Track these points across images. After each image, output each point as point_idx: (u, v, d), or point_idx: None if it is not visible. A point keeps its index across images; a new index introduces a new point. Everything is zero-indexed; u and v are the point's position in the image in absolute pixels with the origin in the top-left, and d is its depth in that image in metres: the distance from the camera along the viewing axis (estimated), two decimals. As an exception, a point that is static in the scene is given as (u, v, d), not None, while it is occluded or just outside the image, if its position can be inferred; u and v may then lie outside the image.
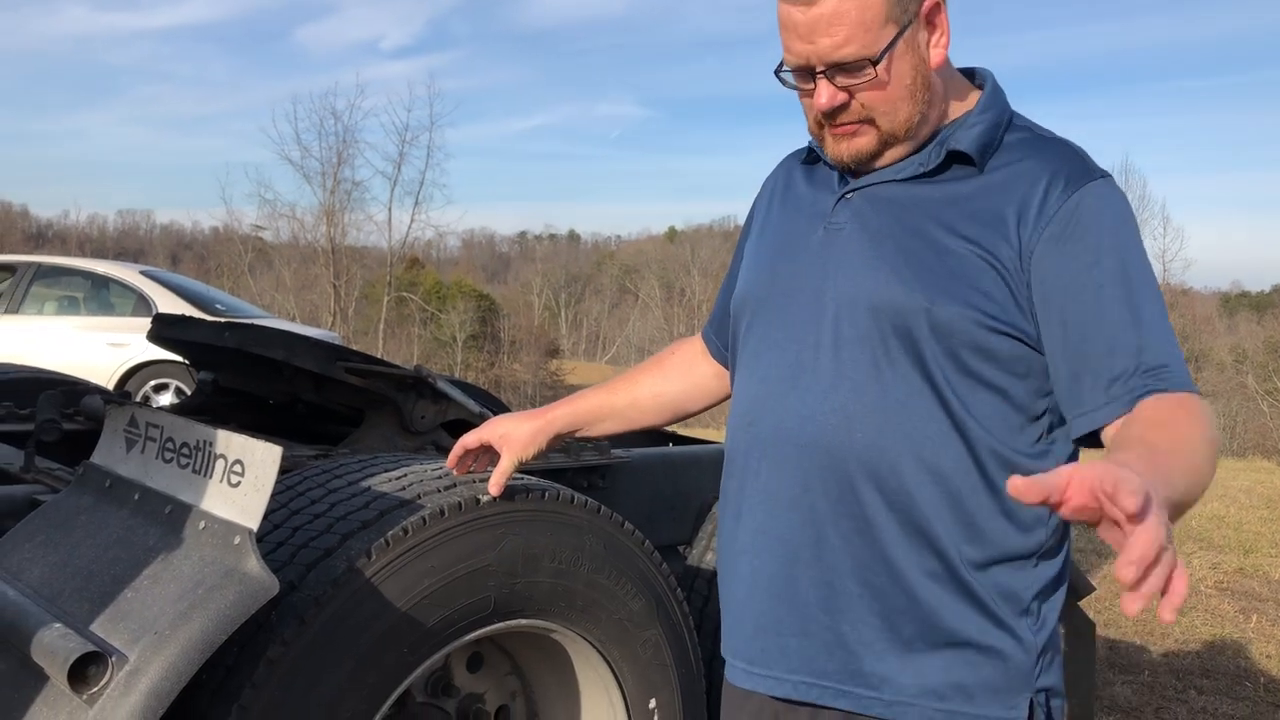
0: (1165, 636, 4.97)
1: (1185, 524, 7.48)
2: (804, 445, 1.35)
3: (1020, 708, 1.32)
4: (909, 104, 1.33)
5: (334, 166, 35.84)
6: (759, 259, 1.51)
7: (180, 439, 1.55)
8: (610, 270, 66.18)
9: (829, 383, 1.35)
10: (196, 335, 2.97)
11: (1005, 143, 1.36)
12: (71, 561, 1.53)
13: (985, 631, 1.31)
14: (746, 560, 1.42)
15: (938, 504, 1.30)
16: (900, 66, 1.31)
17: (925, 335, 1.30)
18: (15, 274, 9.60)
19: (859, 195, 1.40)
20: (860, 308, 1.34)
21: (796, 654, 1.36)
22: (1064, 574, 1.38)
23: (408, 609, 1.63)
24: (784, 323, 1.41)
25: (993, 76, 1.43)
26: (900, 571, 1.32)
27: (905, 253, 1.33)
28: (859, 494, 1.32)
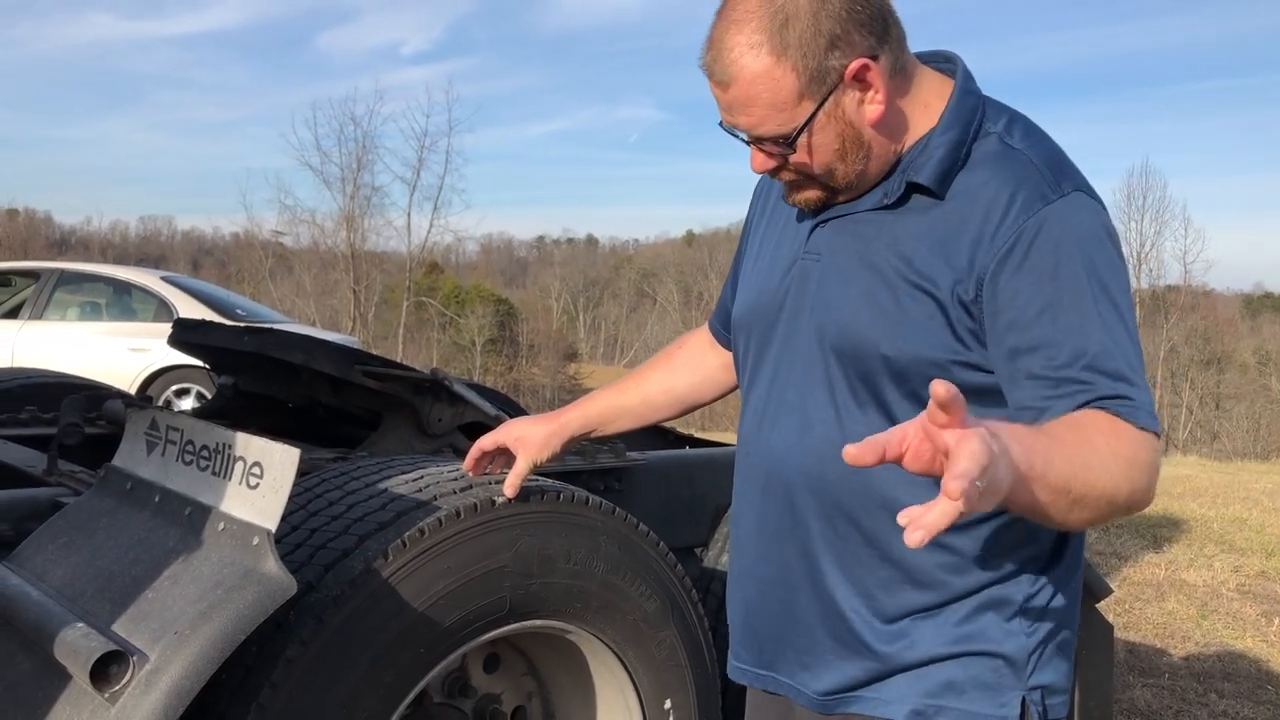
0: (1186, 639, 4.95)
1: (1208, 527, 7.44)
2: (787, 482, 1.39)
3: (1012, 705, 1.32)
4: (842, 165, 1.32)
5: (353, 172, 36.08)
6: (751, 282, 1.52)
7: (200, 442, 1.57)
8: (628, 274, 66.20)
9: (803, 422, 1.37)
10: (216, 340, 2.99)
11: (972, 158, 1.30)
12: (94, 562, 1.55)
13: (972, 641, 1.33)
14: (753, 584, 1.47)
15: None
16: (823, 138, 1.29)
17: (884, 378, 1.30)
18: (39, 280, 9.69)
19: (830, 225, 1.39)
20: (827, 348, 1.35)
21: (808, 671, 1.42)
22: (1066, 571, 1.38)
23: (424, 609, 1.64)
24: (773, 355, 1.44)
25: (963, 73, 1.36)
26: (884, 601, 1.35)
27: (865, 293, 1.32)
28: (838, 529, 1.36)
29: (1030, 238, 1.23)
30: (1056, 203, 1.25)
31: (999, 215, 1.25)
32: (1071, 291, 1.23)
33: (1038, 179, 1.27)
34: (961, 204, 1.28)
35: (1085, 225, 1.26)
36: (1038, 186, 1.26)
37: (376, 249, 38.03)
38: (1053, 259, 1.23)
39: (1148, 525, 7.40)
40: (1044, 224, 1.24)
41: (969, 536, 1.32)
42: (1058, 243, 1.24)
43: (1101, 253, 1.26)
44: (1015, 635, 1.33)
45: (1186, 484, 9.74)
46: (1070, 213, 1.25)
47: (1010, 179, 1.27)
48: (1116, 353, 1.22)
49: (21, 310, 9.49)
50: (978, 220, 1.26)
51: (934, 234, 1.29)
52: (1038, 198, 1.25)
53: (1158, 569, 6.26)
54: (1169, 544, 6.94)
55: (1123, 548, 6.73)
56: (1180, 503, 8.45)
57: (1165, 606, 5.46)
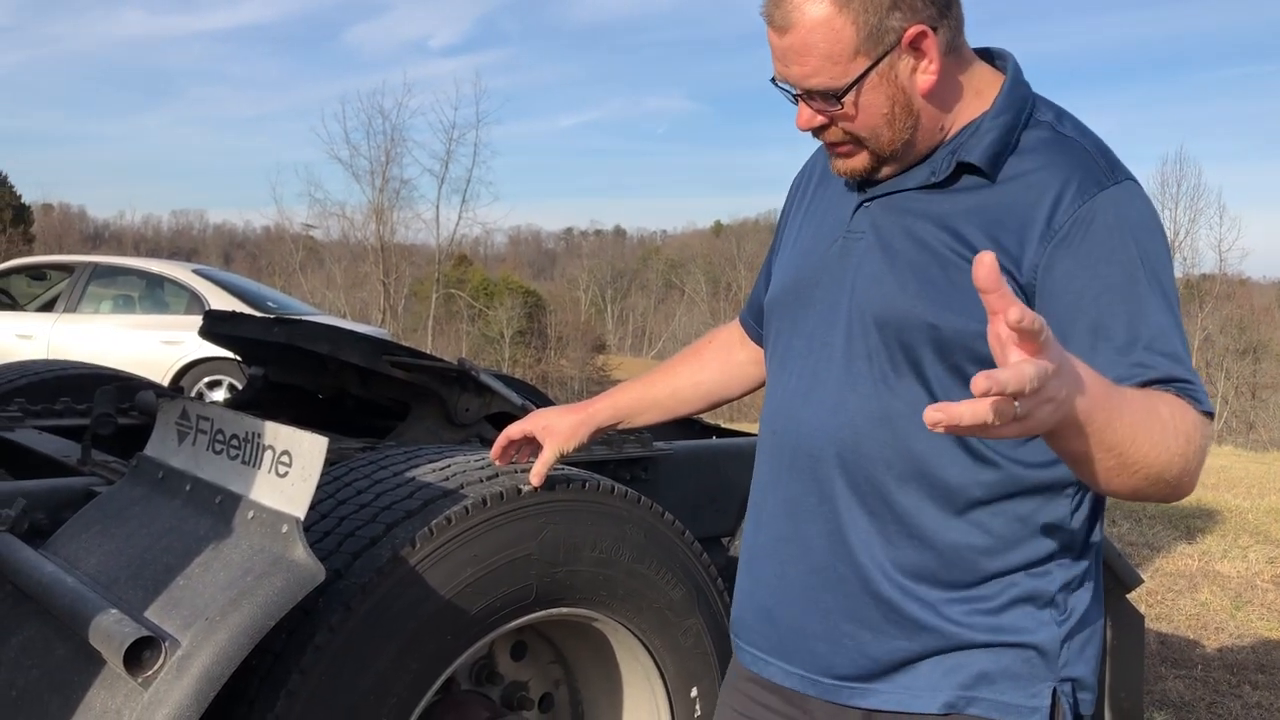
0: (1219, 630, 4.90)
1: (1243, 517, 7.36)
2: (818, 457, 1.37)
3: (1043, 695, 1.31)
4: (889, 130, 1.31)
5: (382, 165, 36.25)
6: (787, 263, 1.51)
7: (230, 431, 1.59)
8: (656, 265, 66.10)
9: (839, 396, 1.35)
10: (246, 331, 3.02)
11: (1022, 145, 1.31)
12: (126, 550, 1.57)
13: (999, 632, 1.32)
14: (772, 566, 1.43)
15: (944, 518, 1.31)
16: (872, 98, 1.29)
17: (927, 350, 1.29)
18: (73, 274, 9.81)
19: (877, 204, 1.38)
20: (869, 321, 1.34)
21: (825, 657, 1.38)
22: (1094, 564, 1.37)
23: (451, 597, 1.66)
24: (804, 331, 1.42)
25: (1014, 67, 1.38)
26: (912, 584, 1.32)
27: (913, 266, 1.31)
28: (870, 507, 1.33)
29: (1087, 222, 1.25)
30: (1111, 189, 1.27)
31: (1053, 198, 1.26)
32: (1128, 277, 1.24)
33: (1093, 165, 1.28)
34: (1015, 187, 1.29)
35: (1139, 213, 1.28)
36: (1093, 172, 1.27)
37: (405, 241, 38.26)
38: (1109, 244, 1.24)
39: (1181, 516, 7.33)
40: (1100, 209, 1.25)
41: (1001, 516, 1.31)
42: (1113, 229, 1.25)
43: (1154, 242, 1.27)
44: (1047, 625, 1.32)
45: (1222, 474, 9.64)
46: (1125, 199, 1.27)
47: (1066, 165, 1.28)
48: (1173, 337, 1.23)
49: (56, 303, 9.61)
50: (1031, 203, 1.27)
51: (985, 214, 1.29)
52: (1093, 183, 1.26)
53: (1191, 560, 6.20)
54: (1203, 535, 6.87)
55: (1155, 538, 6.67)
56: (1215, 493, 8.36)
57: (1198, 598, 5.41)
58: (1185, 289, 39.18)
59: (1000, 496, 1.30)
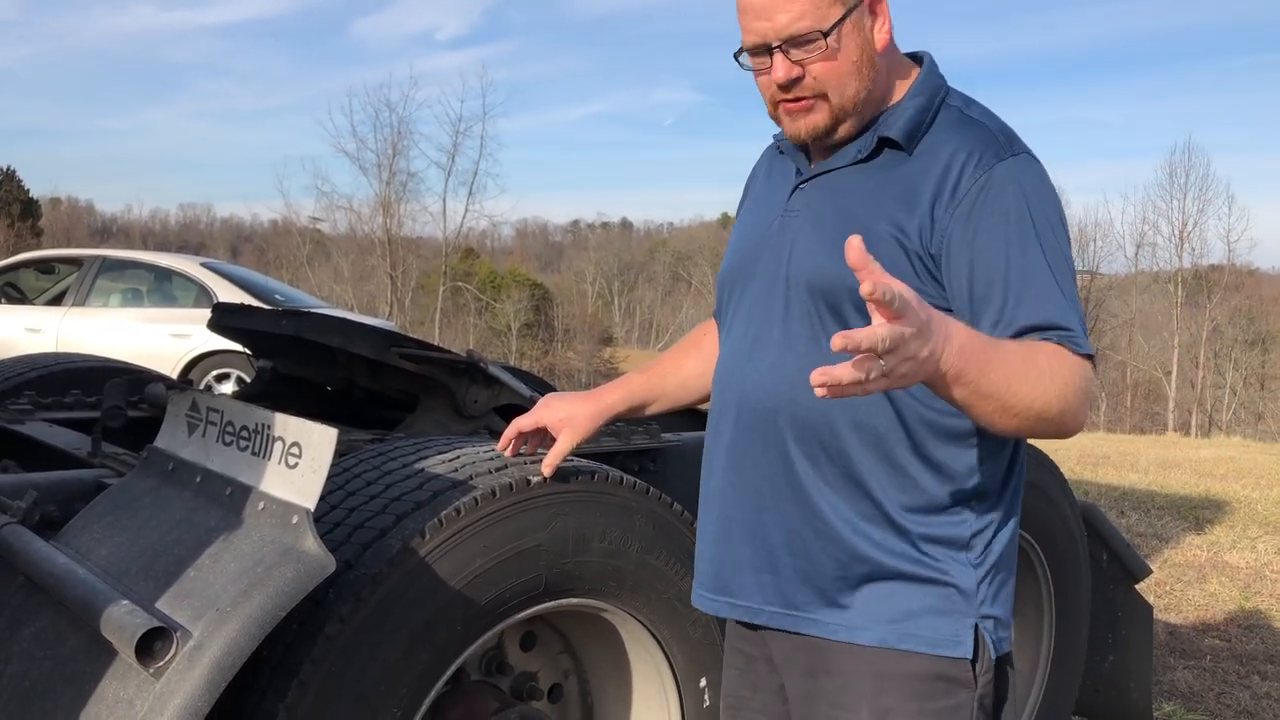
0: (1228, 620, 4.89)
1: (1251, 508, 7.35)
2: (759, 410, 1.52)
3: (964, 629, 1.46)
4: (856, 79, 1.48)
5: (389, 158, 36.32)
6: (735, 244, 1.68)
7: (240, 423, 1.60)
8: (663, 258, 66.09)
9: (777, 354, 1.52)
10: (255, 324, 3.03)
11: (936, 123, 1.50)
12: (137, 541, 1.58)
13: (922, 565, 1.47)
14: (721, 509, 1.58)
15: (871, 460, 1.47)
16: (848, 43, 1.46)
17: (853, 310, 1.44)
18: (82, 268, 9.83)
19: (810, 185, 1.56)
20: (802, 286, 1.50)
21: (771, 588, 1.53)
22: (1009, 511, 1.53)
23: (461, 587, 1.66)
24: (750, 302, 1.58)
25: (929, 61, 1.57)
26: (844, 517, 1.48)
27: (841, 236, 1.41)
28: (805, 451, 1.49)
29: (984, 188, 1.42)
30: (1009, 160, 1.45)
31: (958, 170, 1.44)
32: (1019, 235, 1.41)
33: (993, 141, 1.47)
34: (926, 160, 1.47)
35: (1032, 180, 1.45)
36: (993, 147, 1.46)
37: (413, 234, 38.33)
38: (1002, 207, 1.42)
39: (1189, 506, 7.32)
40: (996, 177, 1.43)
41: (920, 459, 1.46)
42: (1006, 192, 1.42)
43: (1045, 204, 1.44)
44: (964, 568, 1.47)
45: (1230, 465, 9.62)
46: (1020, 168, 1.45)
47: (969, 140, 1.46)
48: (1056, 290, 1.40)
49: (65, 297, 9.63)
50: (938, 174, 1.45)
51: (901, 185, 1.47)
52: (993, 155, 1.44)
53: (1200, 551, 6.19)
54: (1211, 525, 6.86)
55: (1164, 529, 6.66)
56: (1223, 484, 8.35)
57: (1207, 588, 5.41)
58: (1194, 280, 39.09)
59: (918, 441, 1.46)
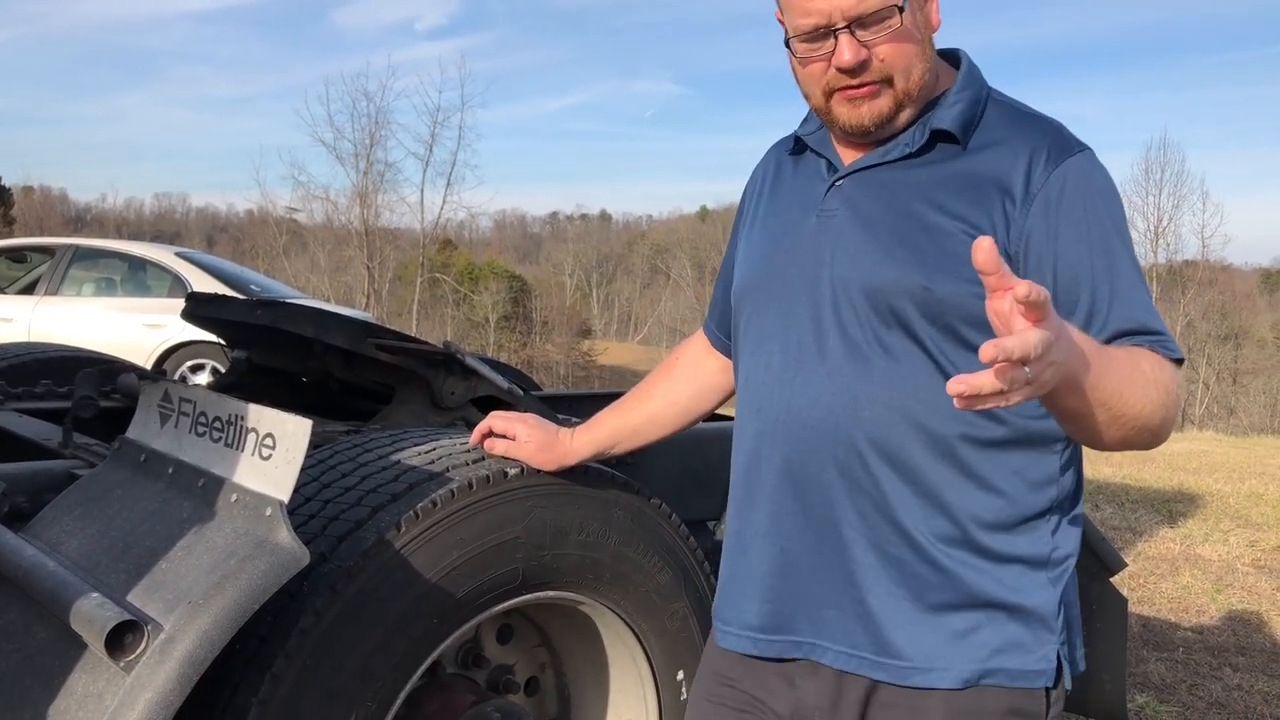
0: (1200, 613, 4.94)
1: (1224, 502, 7.42)
2: (814, 427, 1.38)
3: (1048, 658, 1.36)
4: (921, 61, 1.37)
5: (366, 148, 36.07)
6: (755, 251, 1.53)
7: (212, 413, 1.58)
8: (642, 250, 66.09)
9: (834, 364, 1.38)
10: (230, 314, 3.00)
11: (985, 119, 1.40)
12: (108, 533, 1.56)
13: (1005, 587, 1.35)
14: (771, 541, 1.44)
15: (948, 473, 1.35)
16: (916, 19, 1.36)
17: (918, 314, 1.33)
18: (54, 256, 9.72)
19: (849, 181, 1.42)
20: (856, 290, 1.37)
21: (835, 624, 1.39)
22: (1078, 518, 1.43)
23: (437, 580, 1.65)
24: (784, 310, 1.44)
25: (968, 55, 1.47)
26: (917, 541, 1.35)
27: (898, 235, 1.36)
28: (871, 469, 1.36)
29: (1060, 187, 1.33)
30: (1078, 155, 1.36)
31: (1026, 164, 1.34)
32: (1103, 238, 1.34)
33: (1058, 135, 1.38)
34: (988, 155, 1.37)
35: (1104, 179, 1.38)
36: (1060, 141, 1.36)
37: (390, 225, 38.09)
38: (1083, 208, 1.33)
39: (1163, 500, 7.38)
40: (1071, 175, 1.34)
41: (1000, 469, 1.35)
42: (1085, 193, 1.34)
43: (1118, 206, 1.38)
44: (1044, 587, 1.36)
45: (1203, 459, 9.71)
46: (1091, 167, 1.37)
47: (1033, 134, 1.37)
48: (1145, 292, 1.35)
49: (37, 286, 9.53)
50: (1007, 168, 1.34)
51: (962, 180, 1.36)
52: (1061, 150, 1.35)
53: (1173, 544, 6.24)
54: (1184, 519, 6.92)
55: (1138, 522, 6.71)
56: (1196, 478, 8.42)
57: (1180, 581, 5.45)
58: (1169, 275, 39.40)
59: (997, 448, 1.35)
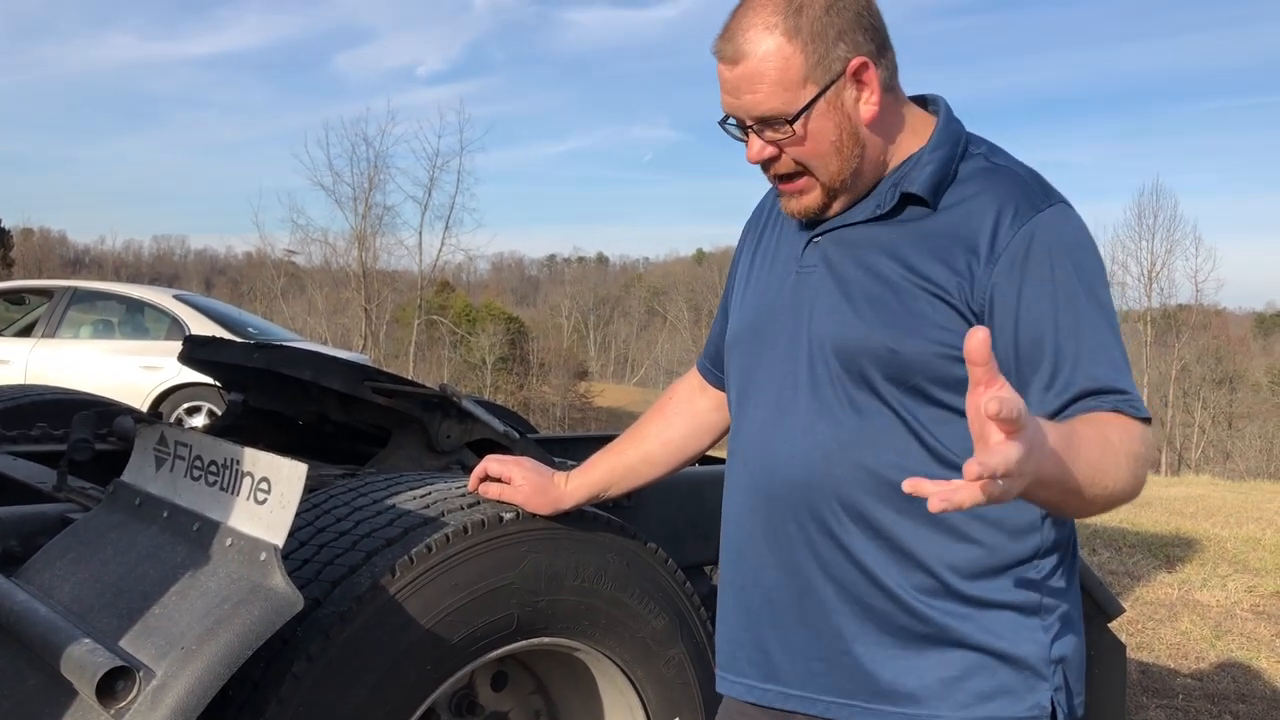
0: (1200, 659, 4.90)
1: (1221, 547, 7.39)
2: (791, 483, 1.41)
3: (1040, 705, 1.35)
4: (837, 159, 1.38)
5: (365, 191, 36.25)
6: (744, 304, 1.56)
7: (208, 457, 1.57)
8: (638, 292, 66.27)
9: (807, 422, 1.40)
10: (226, 356, 3.00)
11: (959, 175, 1.39)
12: (101, 578, 1.55)
13: (993, 636, 1.35)
14: (760, 592, 1.46)
15: (920, 528, 1.35)
16: (821, 124, 1.36)
17: (882, 376, 1.35)
18: (52, 299, 9.73)
19: (826, 239, 1.45)
20: (828, 349, 1.39)
21: (824, 676, 1.40)
22: (1069, 563, 1.42)
23: (431, 626, 1.64)
24: (768, 364, 1.47)
25: (946, 107, 1.46)
26: (897, 594, 1.36)
27: (867, 295, 1.38)
28: (845, 527, 1.38)
29: (1027, 244, 1.32)
30: (1046, 211, 1.35)
31: (993, 222, 1.33)
32: (1069, 296, 1.32)
33: (1028, 190, 1.37)
34: (956, 214, 1.36)
35: (1074, 233, 1.36)
36: (1029, 197, 1.36)
37: (388, 268, 38.21)
38: (1049, 266, 1.32)
39: (1160, 545, 7.35)
40: (1038, 231, 1.33)
41: (977, 520, 1.35)
42: (1052, 251, 1.33)
43: (1090, 260, 1.36)
44: (1035, 633, 1.36)
45: (1199, 504, 9.69)
46: (1060, 221, 1.35)
47: (1002, 191, 1.36)
48: (1113, 350, 1.33)
49: (35, 328, 9.53)
50: (974, 228, 1.34)
51: (930, 240, 1.36)
52: (1030, 207, 1.34)
53: (1171, 589, 6.21)
54: (1182, 564, 6.89)
55: (1135, 567, 6.68)
56: (1193, 522, 8.39)
57: (1179, 627, 5.42)
58: (1162, 320, 39.54)
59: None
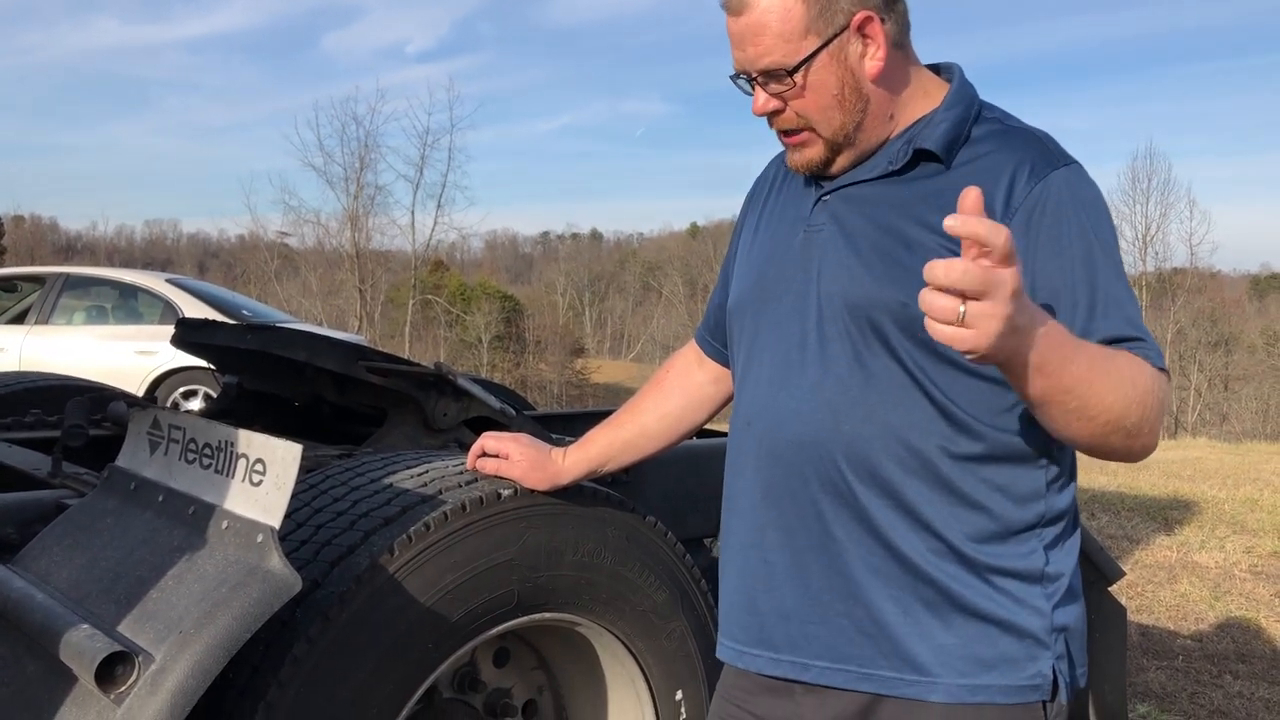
0: (1199, 621, 4.93)
1: (1219, 508, 7.41)
2: (796, 441, 1.39)
3: (1042, 673, 1.34)
4: (839, 112, 1.37)
5: (356, 172, 36.05)
6: (748, 267, 1.54)
7: (202, 440, 1.56)
8: (633, 268, 66.20)
9: (815, 379, 1.39)
10: (220, 339, 2.99)
11: (973, 136, 1.39)
12: (98, 563, 1.54)
13: (995, 603, 1.34)
14: (756, 554, 1.44)
15: (926, 489, 1.34)
16: (823, 77, 1.35)
17: (896, 330, 1.33)
18: (45, 285, 9.70)
19: (835, 196, 1.43)
20: (838, 304, 1.38)
21: (819, 640, 1.39)
22: (1074, 533, 1.42)
23: (431, 604, 1.63)
24: (774, 324, 1.45)
25: (960, 71, 1.46)
26: (903, 554, 1.35)
27: (879, 250, 1.36)
28: (851, 484, 1.36)
29: (1043, 200, 1.32)
30: (1062, 169, 1.34)
31: (1009, 179, 1.33)
32: (1085, 251, 1.32)
33: (1043, 149, 1.36)
34: (970, 170, 1.35)
35: (1089, 192, 1.36)
36: (1045, 155, 1.35)
37: (381, 248, 38.09)
38: (1066, 222, 1.32)
39: (1159, 507, 7.37)
40: (1053, 188, 1.32)
41: (983, 484, 1.34)
42: (1068, 207, 1.32)
43: (1104, 218, 1.36)
44: (1037, 601, 1.35)
45: (1197, 466, 9.71)
46: (1075, 180, 1.35)
47: (1018, 149, 1.36)
48: (1127, 303, 1.32)
49: (28, 315, 9.50)
50: (989, 184, 1.31)
51: (943, 197, 1.32)
52: (1045, 164, 1.34)
53: (1169, 551, 6.23)
54: (1180, 526, 6.91)
55: (1134, 530, 6.70)
56: (1191, 484, 8.42)
57: (1178, 589, 5.44)
58: (1158, 283, 39.56)
59: (978, 463, 1.34)
